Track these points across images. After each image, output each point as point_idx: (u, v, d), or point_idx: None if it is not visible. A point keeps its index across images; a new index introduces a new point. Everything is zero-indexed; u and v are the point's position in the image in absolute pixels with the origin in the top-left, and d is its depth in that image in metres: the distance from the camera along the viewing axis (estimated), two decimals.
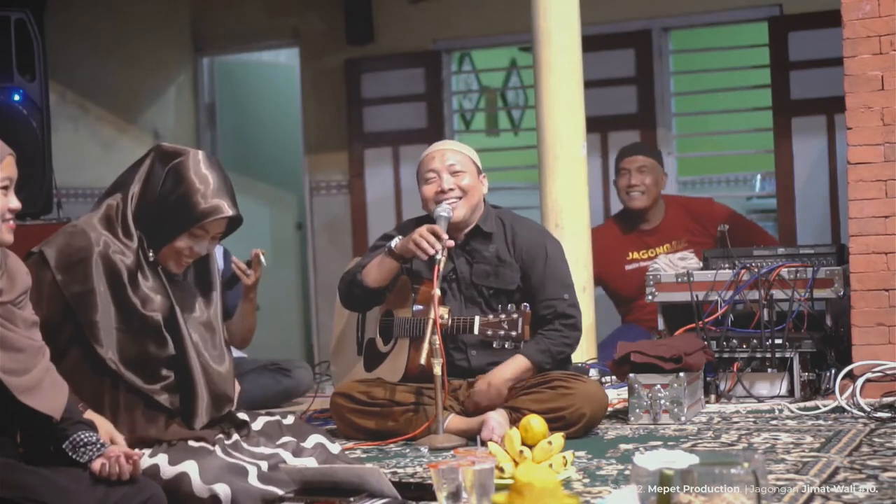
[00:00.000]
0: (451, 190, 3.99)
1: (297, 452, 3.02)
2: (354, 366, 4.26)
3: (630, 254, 5.57)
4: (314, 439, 3.09)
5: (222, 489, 2.74)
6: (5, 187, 2.52)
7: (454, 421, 3.85)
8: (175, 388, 2.97)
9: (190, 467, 2.77)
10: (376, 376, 4.10)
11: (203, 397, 2.97)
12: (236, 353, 5.10)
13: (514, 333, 3.80)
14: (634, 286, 5.36)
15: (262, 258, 4.60)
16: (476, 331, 3.85)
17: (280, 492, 2.83)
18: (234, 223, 3.10)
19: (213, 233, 3.05)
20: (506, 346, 3.83)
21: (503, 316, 3.82)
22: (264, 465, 2.86)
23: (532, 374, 3.97)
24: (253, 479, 2.81)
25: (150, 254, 3.00)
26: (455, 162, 4.03)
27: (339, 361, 4.41)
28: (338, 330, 4.44)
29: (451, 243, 3.86)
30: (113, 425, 2.85)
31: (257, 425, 3.13)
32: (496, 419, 3.77)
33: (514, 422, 3.69)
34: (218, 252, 5.13)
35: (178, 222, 2.98)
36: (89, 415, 2.75)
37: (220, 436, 2.98)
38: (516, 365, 3.95)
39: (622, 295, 5.59)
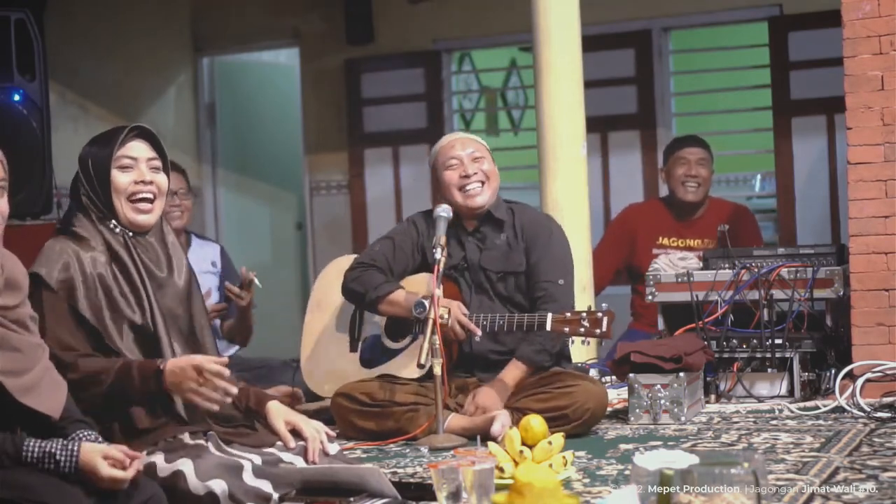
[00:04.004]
0: (475, 174, 4.09)
1: (290, 449, 3.00)
2: (336, 364, 4.24)
3: (661, 238, 5.57)
4: None
5: (218, 485, 2.74)
6: None
7: (455, 419, 3.86)
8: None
9: (185, 465, 2.76)
10: (382, 373, 4.10)
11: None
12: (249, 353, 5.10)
13: (597, 331, 3.82)
14: None
15: (256, 281, 4.58)
16: (549, 327, 3.86)
17: (274, 493, 2.82)
18: (157, 146, 3.06)
19: (142, 158, 3.01)
20: (587, 343, 3.86)
21: (584, 314, 3.83)
22: (258, 460, 2.85)
23: (532, 374, 3.98)
24: (248, 475, 2.81)
25: (112, 224, 2.99)
26: (475, 149, 4.14)
27: (318, 362, 4.34)
28: (312, 329, 4.39)
29: (444, 240, 3.89)
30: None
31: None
32: (504, 416, 3.78)
33: (516, 422, 3.69)
34: (215, 250, 5.14)
35: (100, 165, 2.99)
36: None
37: (212, 432, 2.96)
38: (516, 372, 3.97)
39: (641, 273, 5.54)
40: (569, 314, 3.85)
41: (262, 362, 4.95)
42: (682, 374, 4.07)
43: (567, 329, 3.84)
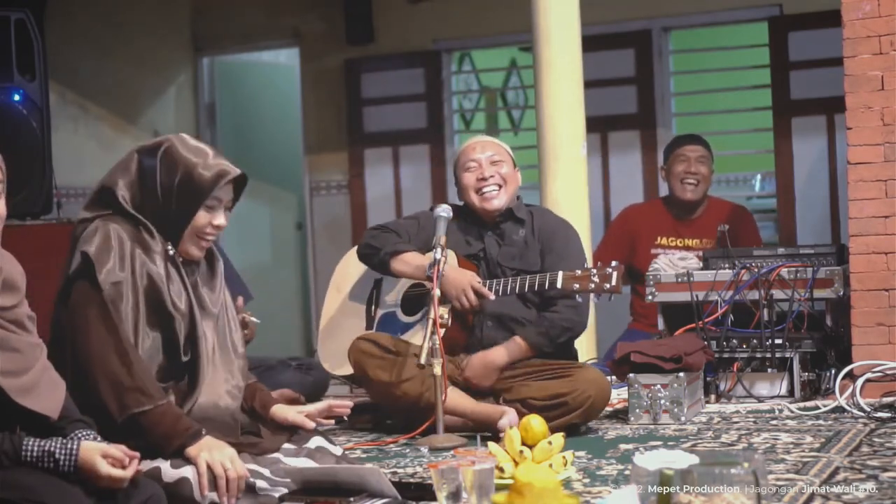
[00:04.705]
0: (492, 177, 4.14)
1: (296, 454, 3.00)
2: (351, 341, 4.26)
3: (659, 238, 5.56)
4: (315, 441, 3.07)
5: None
6: None
7: (452, 396, 3.86)
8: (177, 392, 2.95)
9: (191, 472, 2.75)
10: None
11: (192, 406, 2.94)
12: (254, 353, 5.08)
13: (607, 286, 3.85)
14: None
15: (253, 319, 4.60)
16: (559, 284, 3.89)
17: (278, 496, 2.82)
18: (240, 187, 3.04)
19: (225, 200, 2.99)
20: (597, 298, 3.97)
21: (594, 270, 3.87)
22: (266, 472, 2.85)
23: (530, 357, 4.01)
24: (254, 486, 2.81)
25: (169, 247, 2.96)
26: (494, 153, 4.19)
27: (332, 338, 4.39)
28: (329, 309, 4.44)
29: (444, 240, 3.91)
30: None
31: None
32: (512, 413, 3.79)
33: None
34: None
35: (189, 201, 2.92)
36: None
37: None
38: (513, 346, 4.01)
39: (641, 273, 5.54)
40: (579, 271, 3.89)
41: (260, 362, 4.94)
42: (682, 374, 4.07)
43: (578, 285, 3.88)
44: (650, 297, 4.74)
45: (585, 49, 5.14)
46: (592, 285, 3.86)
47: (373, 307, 4.34)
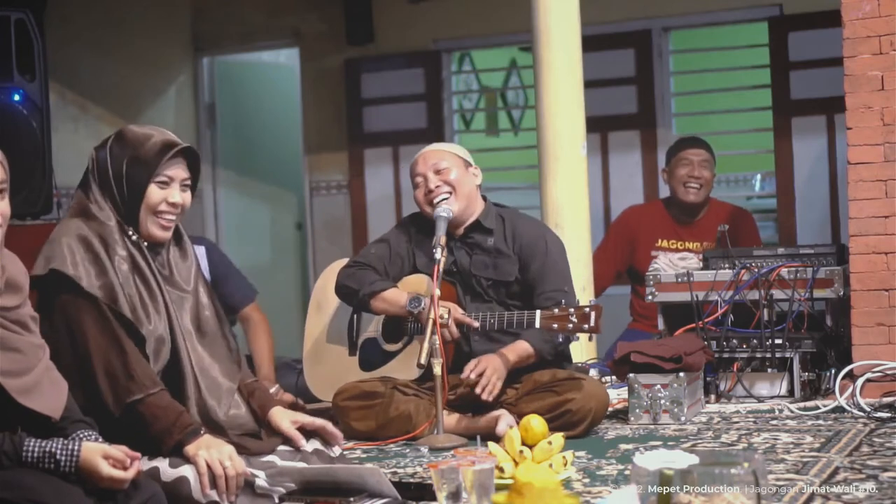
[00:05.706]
0: (438, 187, 4.05)
1: (291, 457, 3.00)
2: (336, 367, 4.24)
3: (660, 240, 5.56)
4: (312, 444, 3.07)
5: None
6: None
7: (448, 420, 3.86)
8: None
9: (189, 471, 2.76)
10: (381, 375, 4.10)
11: (192, 400, 2.94)
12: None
13: (585, 326, 3.79)
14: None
15: (286, 397, 4.56)
16: (538, 324, 3.84)
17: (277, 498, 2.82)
18: (195, 166, 3.04)
19: (179, 178, 3.00)
20: (576, 338, 3.89)
21: (572, 310, 3.81)
22: (262, 474, 2.85)
23: (530, 362, 3.97)
24: (253, 486, 2.81)
25: (130, 231, 2.97)
26: (437, 160, 4.08)
27: (317, 363, 4.36)
28: (312, 331, 4.41)
29: (444, 240, 3.90)
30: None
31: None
32: (509, 416, 3.78)
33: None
34: (199, 252, 5.10)
35: (139, 177, 2.94)
36: None
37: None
38: (520, 348, 3.95)
39: (642, 275, 5.54)
40: (556, 311, 3.83)
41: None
42: (682, 374, 4.07)
43: (556, 325, 3.82)
44: (650, 297, 4.74)
45: (585, 49, 5.14)
46: (570, 325, 3.79)
47: (354, 331, 4.28)
